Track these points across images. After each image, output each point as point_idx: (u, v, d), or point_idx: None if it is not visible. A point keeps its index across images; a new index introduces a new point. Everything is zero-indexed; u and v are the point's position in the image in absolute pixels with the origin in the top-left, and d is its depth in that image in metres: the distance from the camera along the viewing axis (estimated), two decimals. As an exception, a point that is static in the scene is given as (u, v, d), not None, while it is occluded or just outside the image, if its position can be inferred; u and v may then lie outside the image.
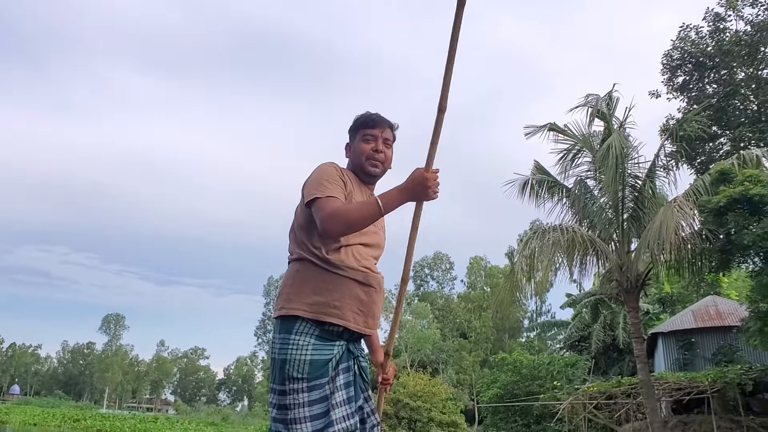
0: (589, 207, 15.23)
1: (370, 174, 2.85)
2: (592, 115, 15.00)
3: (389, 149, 2.90)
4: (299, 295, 2.58)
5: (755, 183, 12.34)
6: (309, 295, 2.56)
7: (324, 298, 2.54)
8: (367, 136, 2.84)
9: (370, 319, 2.66)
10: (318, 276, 2.58)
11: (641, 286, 14.76)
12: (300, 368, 2.46)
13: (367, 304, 2.63)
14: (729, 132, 17.56)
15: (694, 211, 13.27)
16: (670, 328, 23.24)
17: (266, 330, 71.37)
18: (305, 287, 2.58)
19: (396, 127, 2.96)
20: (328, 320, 2.52)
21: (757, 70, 17.16)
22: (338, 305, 2.54)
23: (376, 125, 2.85)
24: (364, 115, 2.92)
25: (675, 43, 17.80)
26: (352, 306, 2.57)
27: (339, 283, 2.56)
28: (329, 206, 2.49)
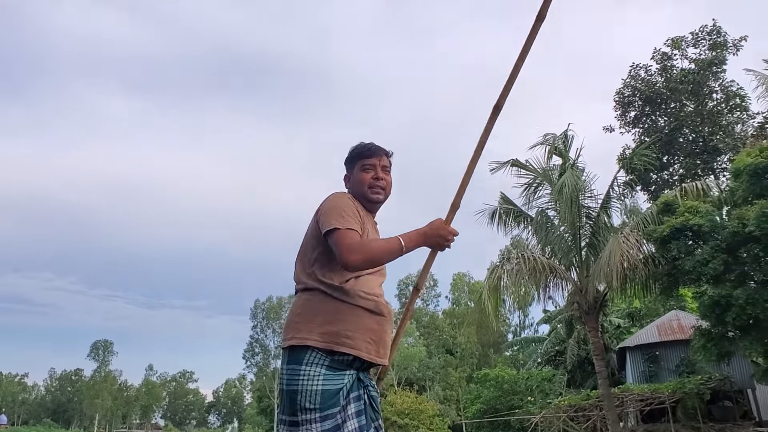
0: (551, 235, 16.49)
1: (374, 201, 2.89)
2: (549, 152, 16.34)
3: (388, 176, 2.95)
4: (310, 324, 2.58)
5: (695, 214, 13.66)
6: (321, 324, 2.56)
7: (336, 328, 2.55)
8: (366, 166, 2.89)
9: (381, 349, 2.67)
10: (329, 306, 2.59)
11: (599, 307, 16.04)
12: (312, 399, 2.48)
13: (379, 333, 2.65)
14: (681, 159, 18.95)
15: (642, 239, 14.56)
16: (636, 342, 24.50)
17: (254, 353, 71.82)
18: (316, 317, 2.58)
19: (391, 154, 3.01)
20: (341, 350, 2.53)
21: (701, 104, 18.61)
22: (350, 335, 2.55)
23: (373, 154, 2.91)
24: (360, 146, 2.96)
25: (626, 81, 19.27)
26: (365, 336, 2.59)
27: (350, 313, 2.58)
28: (350, 239, 2.53)
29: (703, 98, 18.48)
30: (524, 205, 17.21)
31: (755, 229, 12.22)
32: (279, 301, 73.22)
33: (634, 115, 19.34)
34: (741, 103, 18.42)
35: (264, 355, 71.60)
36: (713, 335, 13.81)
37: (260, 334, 72.46)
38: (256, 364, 71.89)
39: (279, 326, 72.29)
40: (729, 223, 13.18)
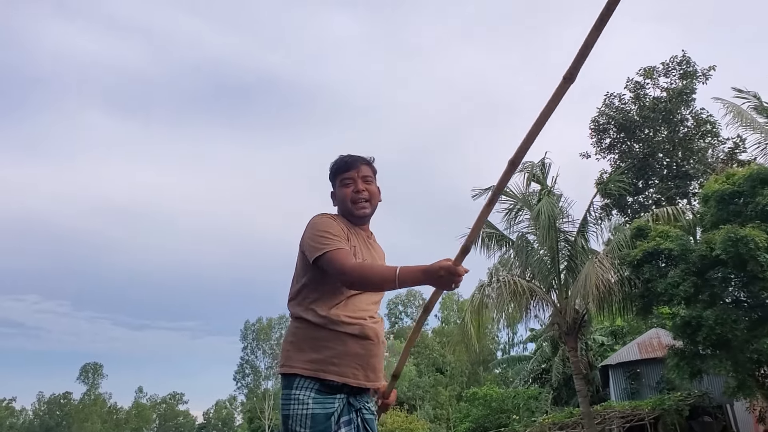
0: (531, 258, 17.10)
1: (360, 216, 2.86)
2: (528, 179, 17.00)
3: (372, 184, 2.89)
4: (298, 353, 2.63)
5: (666, 238, 14.29)
6: (308, 353, 2.61)
7: (322, 356, 2.58)
8: (345, 180, 2.84)
9: (370, 373, 2.67)
10: (315, 334, 2.62)
11: (578, 328, 16.62)
12: (302, 422, 2.52)
13: (365, 357, 2.64)
14: (656, 184, 19.68)
15: (616, 262, 15.18)
16: (618, 360, 25.07)
17: (244, 374, 71.81)
18: (304, 345, 2.63)
19: (372, 160, 2.96)
20: (328, 378, 2.57)
21: (673, 131, 19.37)
22: (336, 362, 2.58)
23: (350, 167, 2.85)
24: (337, 160, 2.92)
25: (600, 110, 20.05)
26: (350, 362, 2.60)
27: (335, 340, 2.59)
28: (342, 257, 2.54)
29: (675, 125, 19.26)
30: (506, 229, 17.83)
31: (722, 253, 12.83)
32: (269, 322, 73.37)
33: (609, 141, 20.14)
34: (711, 129, 19.25)
35: (254, 377, 71.63)
36: (686, 354, 14.37)
37: (250, 355, 72.53)
38: (246, 386, 71.86)
39: (269, 347, 72.40)
40: (698, 247, 13.79)
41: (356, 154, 2.93)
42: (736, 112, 17.40)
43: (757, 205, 13.36)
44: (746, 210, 13.74)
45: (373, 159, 2.96)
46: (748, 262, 12.67)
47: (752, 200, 13.57)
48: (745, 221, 13.51)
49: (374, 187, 2.90)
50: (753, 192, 13.69)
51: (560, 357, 31.47)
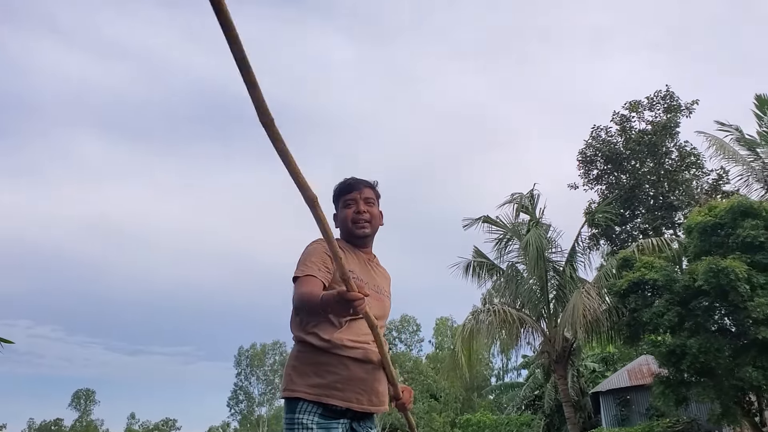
0: (521, 287, 17.49)
1: (360, 236, 2.89)
2: (517, 210, 17.46)
3: (373, 207, 2.93)
4: (301, 377, 2.63)
5: (650, 269, 14.69)
6: (311, 377, 2.61)
7: (326, 380, 2.58)
8: (347, 202, 2.89)
9: (374, 397, 2.67)
10: (318, 358, 2.62)
11: (567, 356, 16.96)
12: None
13: (369, 382, 2.65)
14: (643, 214, 20.18)
15: (603, 292, 15.57)
16: (608, 387, 25.31)
17: (238, 400, 71.58)
18: (307, 369, 2.63)
19: (375, 183, 3.01)
20: (331, 402, 2.57)
21: (658, 163, 19.92)
22: (340, 387, 2.58)
23: (352, 189, 2.91)
24: (340, 182, 2.97)
25: (588, 142, 20.62)
26: (354, 387, 2.60)
27: (338, 365, 2.60)
28: (302, 286, 2.57)
29: (661, 157, 19.82)
30: (496, 258, 18.25)
31: (704, 284, 13.23)
32: (263, 348, 73.30)
33: (596, 173, 20.68)
34: (696, 161, 19.82)
35: (248, 403, 71.41)
36: (671, 382, 14.70)
37: (244, 381, 72.36)
38: (240, 412, 71.61)
39: (263, 373, 72.23)
40: (681, 278, 14.19)
41: (360, 178, 2.99)
42: (719, 145, 17.96)
43: (738, 237, 13.77)
44: (728, 241, 14.14)
45: (376, 183, 3.01)
46: (729, 292, 13.06)
47: (733, 232, 13.98)
48: (726, 252, 13.91)
49: (376, 209, 2.94)
50: (734, 224, 14.10)
51: (552, 384, 31.56)
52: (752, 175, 18.04)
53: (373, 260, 3.00)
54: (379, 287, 2.90)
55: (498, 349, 18.98)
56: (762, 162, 18.24)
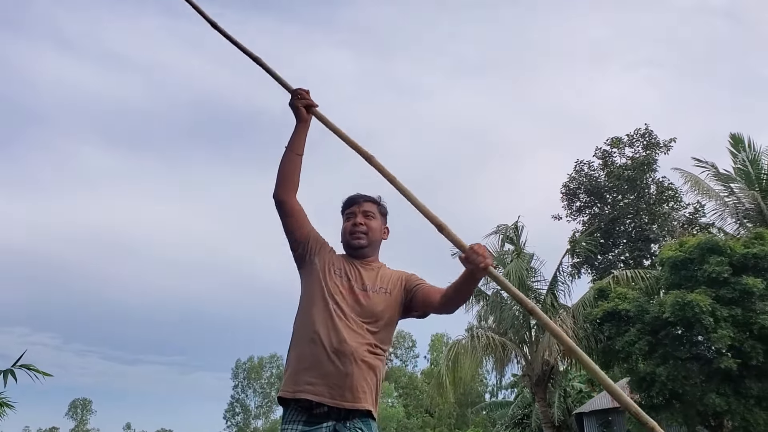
0: (505, 313, 18.43)
1: (355, 247, 2.97)
2: (502, 240, 18.45)
3: (372, 220, 3.00)
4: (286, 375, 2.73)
5: (624, 300, 15.65)
6: (292, 375, 2.69)
7: (300, 376, 2.64)
8: (347, 215, 3.03)
9: (348, 393, 2.63)
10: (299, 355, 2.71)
11: (547, 380, 17.88)
12: None
13: (341, 376, 2.63)
14: (623, 243, 21.19)
15: (581, 320, 16.51)
16: (591, 408, 26.13)
17: (234, 413, 72.16)
18: (290, 368, 2.73)
19: (378, 199, 3.09)
20: (304, 397, 2.60)
21: (638, 197, 20.97)
22: (313, 381, 2.61)
23: (353, 203, 3.03)
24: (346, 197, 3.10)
25: (571, 175, 21.70)
26: (327, 381, 2.61)
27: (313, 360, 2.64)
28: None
29: (640, 191, 20.87)
30: (483, 285, 19.19)
31: (671, 316, 14.19)
32: (260, 361, 73.96)
33: (578, 205, 21.74)
34: (674, 195, 20.88)
35: (245, 415, 71.99)
36: (642, 407, 15.56)
37: (241, 394, 73.00)
38: (236, 424, 72.17)
39: (260, 386, 72.87)
40: (652, 309, 15.12)
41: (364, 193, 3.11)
42: (694, 182, 18.98)
43: (705, 272, 14.69)
44: (696, 276, 15.09)
45: (380, 198, 3.10)
46: (695, 324, 14.00)
47: (701, 267, 14.93)
48: (695, 286, 14.85)
49: (375, 222, 3.02)
50: (702, 259, 15.02)
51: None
52: (726, 210, 19.05)
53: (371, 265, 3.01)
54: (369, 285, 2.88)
55: (492, 367, 19.73)
56: (736, 197, 19.26)
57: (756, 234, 15.50)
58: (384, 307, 2.85)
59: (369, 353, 2.74)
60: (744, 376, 14.04)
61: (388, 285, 2.93)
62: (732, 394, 14.13)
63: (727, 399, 14.05)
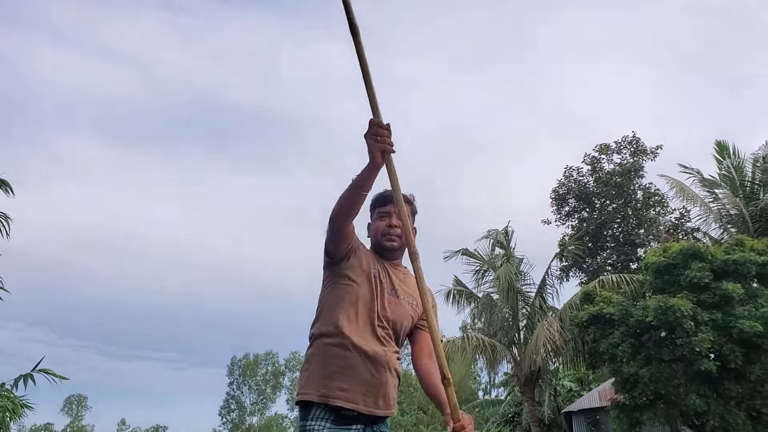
0: (495, 315, 18.93)
1: (388, 249, 2.91)
2: (493, 245, 18.94)
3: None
4: (311, 379, 2.64)
5: (608, 303, 16.14)
6: (319, 379, 2.62)
7: (333, 382, 2.58)
8: (381, 214, 2.92)
9: (381, 401, 2.65)
10: (327, 359, 2.64)
11: (535, 380, 18.38)
12: None
13: (375, 384, 2.63)
14: (611, 247, 21.72)
15: (567, 322, 17.00)
16: (579, 407, 26.64)
17: (230, 409, 72.60)
18: (316, 371, 2.65)
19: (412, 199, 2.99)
20: (337, 404, 2.56)
21: (625, 203, 21.50)
22: (346, 387, 2.57)
23: (387, 202, 2.90)
24: (377, 194, 2.96)
25: (561, 181, 22.22)
26: (361, 388, 2.59)
27: (345, 365, 2.60)
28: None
29: (627, 197, 21.40)
30: (474, 288, 19.71)
31: (653, 319, 14.69)
32: (255, 358, 74.43)
33: (567, 210, 22.27)
34: (660, 200, 21.43)
35: (240, 412, 72.43)
36: (626, 407, 16.12)
37: (236, 390, 73.45)
38: (231, 421, 72.62)
39: (255, 383, 73.35)
40: (635, 312, 15.62)
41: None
42: (679, 188, 19.49)
43: (687, 277, 15.19)
44: (679, 280, 15.59)
45: (413, 197, 3.01)
46: (676, 328, 14.51)
47: (683, 272, 15.42)
48: (678, 291, 15.36)
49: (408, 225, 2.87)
50: (685, 265, 15.52)
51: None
52: (711, 215, 19.57)
53: (399, 269, 2.99)
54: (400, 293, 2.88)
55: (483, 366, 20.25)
56: (721, 203, 19.78)
57: (737, 240, 16.01)
58: (408, 316, 2.87)
59: (397, 360, 2.78)
60: (723, 378, 14.51)
61: (415, 297, 2.91)
62: (712, 396, 14.63)
63: (707, 400, 14.53)
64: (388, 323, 2.77)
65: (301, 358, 75.85)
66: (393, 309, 2.79)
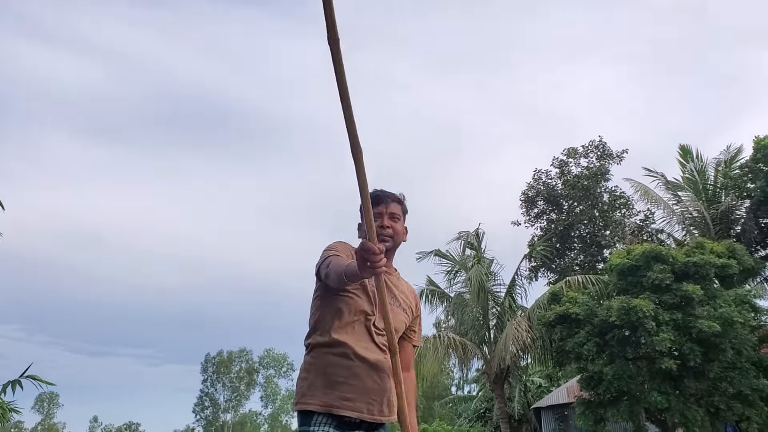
0: (466, 315, 19.37)
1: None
2: (464, 246, 19.38)
3: (398, 222, 2.87)
4: (312, 388, 2.62)
5: (574, 304, 16.64)
6: (321, 388, 2.60)
7: (336, 391, 2.57)
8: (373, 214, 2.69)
9: (385, 407, 2.66)
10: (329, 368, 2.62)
11: (505, 377, 18.86)
12: None
13: (379, 392, 2.64)
14: (578, 248, 22.31)
15: (534, 323, 17.48)
16: (548, 403, 27.30)
17: (204, 406, 72.52)
18: (317, 380, 2.63)
19: (402, 198, 2.96)
20: (342, 414, 2.56)
21: (591, 207, 22.10)
22: (350, 397, 2.56)
23: (380, 202, 2.84)
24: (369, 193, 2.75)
25: (530, 184, 22.77)
26: (365, 397, 2.58)
27: (349, 375, 2.58)
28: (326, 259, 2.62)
29: (594, 199, 22.00)
30: (446, 288, 20.13)
31: (616, 319, 15.20)
32: (229, 356, 74.39)
33: (536, 211, 22.82)
34: (625, 203, 22.09)
35: (214, 409, 72.39)
36: (591, 404, 16.65)
37: (210, 387, 73.37)
38: (205, 418, 72.55)
39: (229, 380, 73.32)
40: (600, 312, 16.14)
41: (388, 191, 2.94)
42: (643, 191, 20.11)
43: (649, 279, 15.75)
44: (641, 282, 16.13)
45: (403, 197, 2.98)
46: (638, 327, 15.05)
47: (645, 274, 15.98)
48: (640, 291, 15.91)
49: (400, 225, 2.90)
50: (647, 267, 16.07)
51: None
52: (674, 217, 20.22)
53: (391, 274, 2.96)
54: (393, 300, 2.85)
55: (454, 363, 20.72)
56: (684, 206, 20.43)
57: (697, 243, 16.60)
58: (401, 323, 2.86)
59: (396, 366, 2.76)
60: (683, 376, 15.07)
61: (408, 303, 2.94)
62: (672, 393, 15.19)
63: (668, 397, 15.08)
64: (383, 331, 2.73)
65: (275, 355, 76.47)
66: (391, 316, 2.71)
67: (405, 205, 2.97)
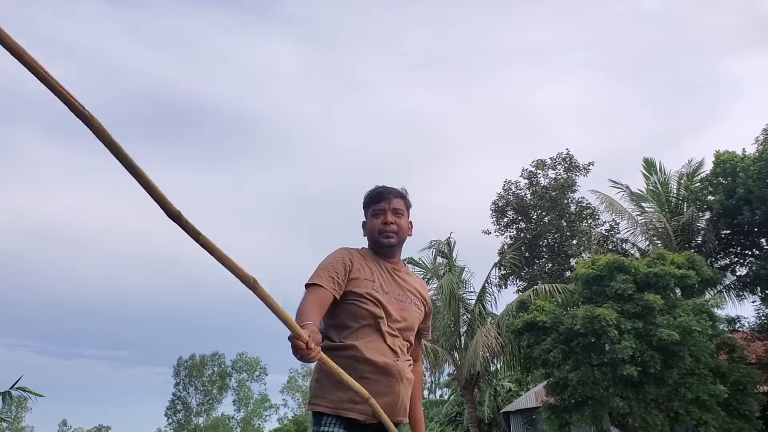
0: (437, 322, 19.81)
1: (385, 246, 2.86)
2: (435, 255, 19.85)
3: (401, 218, 2.88)
4: (322, 390, 2.65)
5: (541, 312, 17.17)
6: (332, 390, 2.61)
7: (346, 395, 2.57)
8: (375, 211, 2.86)
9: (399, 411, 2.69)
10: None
11: (475, 383, 19.35)
12: None
13: (390, 395, 2.64)
14: (546, 256, 22.92)
15: (504, 329, 17.99)
16: (516, 407, 27.84)
17: (176, 410, 72.12)
18: (327, 382, 2.64)
19: (405, 193, 2.97)
20: (351, 416, 2.58)
21: (559, 217, 22.74)
22: (358, 400, 2.53)
23: (382, 198, 2.87)
24: (371, 190, 2.92)
25: (500, 194, 23.38)
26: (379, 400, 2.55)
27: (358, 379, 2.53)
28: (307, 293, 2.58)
29: (561, 210, 22.66)
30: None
31: (581, 327, 15.75)
32: (202, 359, 74.09)
33: (506, 221, 23.43)
34: (591, 213, 22.82)
35: (186, 413, 72.00)
36: (556, 409, 17.17)
37: (182, 391, 72.98)
38: (177, 421, 72.12)
39: (201, 384, 72.98)
40: (566, 320, 16.67)
41: (391, 186, 2.94)
42: (608, 203, 20.76)
43: (612, 288, 16.32)
44: (605, 291, 16.70)
45: (406, 192, 2.99)
46: (602, 335, 15.61)
47: (609, 284, 16.54)
48: (604, 300, 16.47)
49: (404, 220, 2.91)
50: (611, 276, 16.64)
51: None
52: (638, 228, 20.88)
53: (400, 270, 2.97)
54: (404, 296, 2.86)
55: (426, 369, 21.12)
56: (648, 217, 21.10)
57: (658, 254, 17.22)
58: (416, 320, 2.88)
59: (409, 368, 2.79)
60: (644, 383, 15.62)
61: (418, 299, 2.94)
62: (634, 398, 15.72)
63: (629, 402, 15.62)
64: (398, 331, 2.76)
65: (247, 359, 76.30)
66: (402, 315, 2.78)
67: (408, 199, 2.98)
